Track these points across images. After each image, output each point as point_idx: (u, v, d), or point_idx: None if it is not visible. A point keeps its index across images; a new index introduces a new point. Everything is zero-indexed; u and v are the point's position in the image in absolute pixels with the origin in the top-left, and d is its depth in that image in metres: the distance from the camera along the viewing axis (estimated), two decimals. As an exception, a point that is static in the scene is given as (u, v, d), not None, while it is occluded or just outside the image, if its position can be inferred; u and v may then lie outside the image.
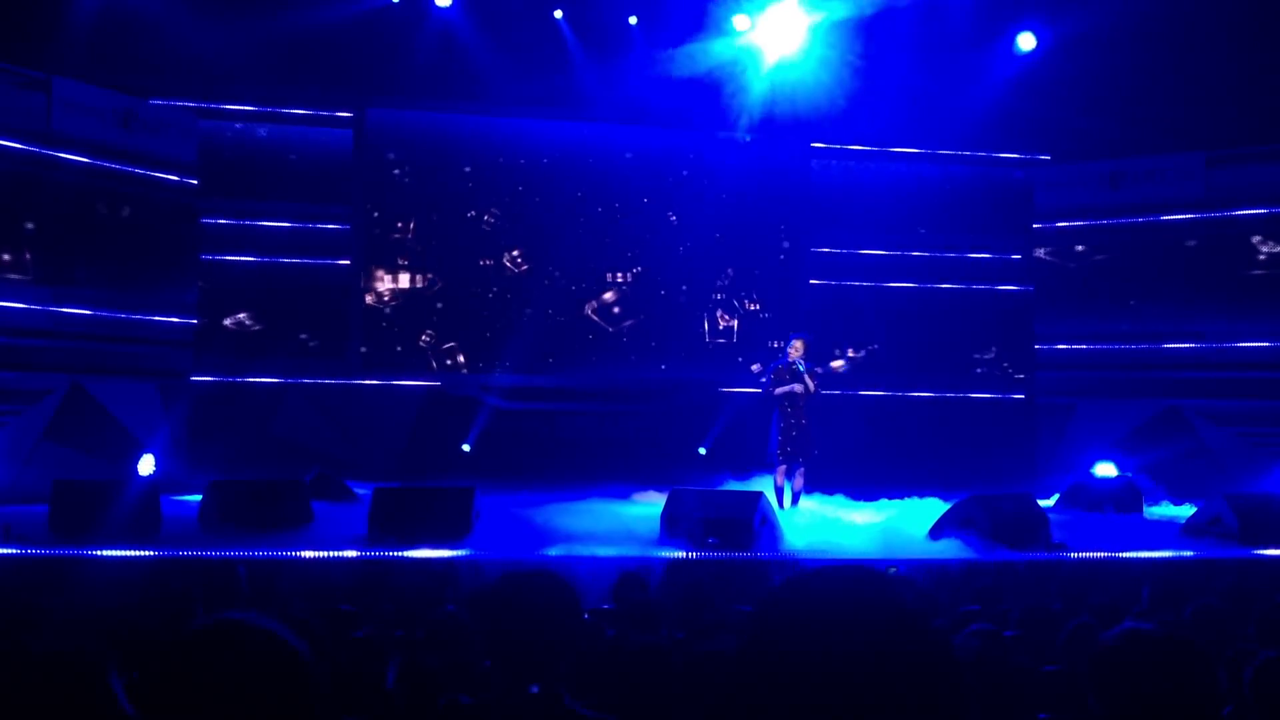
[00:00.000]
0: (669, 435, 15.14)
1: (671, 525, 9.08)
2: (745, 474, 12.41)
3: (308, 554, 8.14)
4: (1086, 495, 11.84)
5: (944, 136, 15.84)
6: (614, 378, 15.46)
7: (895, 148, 16.27)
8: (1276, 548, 9.04)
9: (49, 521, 8.71)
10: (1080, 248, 15.37)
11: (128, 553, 7.99)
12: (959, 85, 15.30)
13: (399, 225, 15.08)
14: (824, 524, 10.30)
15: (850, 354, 16.11)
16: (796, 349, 11.20)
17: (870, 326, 16.18)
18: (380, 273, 15.04)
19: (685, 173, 15.80)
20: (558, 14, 14.84)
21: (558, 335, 15.47)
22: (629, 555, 8.36)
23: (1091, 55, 14.39)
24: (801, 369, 11.09)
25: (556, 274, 15.46)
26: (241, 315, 14.44)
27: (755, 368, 11.37)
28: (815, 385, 11.15)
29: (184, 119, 13.67)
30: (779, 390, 11.06)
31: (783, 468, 11.20)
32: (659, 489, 10.37)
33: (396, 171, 15.08)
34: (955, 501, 9.68)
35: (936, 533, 9.47)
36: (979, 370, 16.27)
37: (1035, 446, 15.46)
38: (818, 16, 14.24)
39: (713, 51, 15.22)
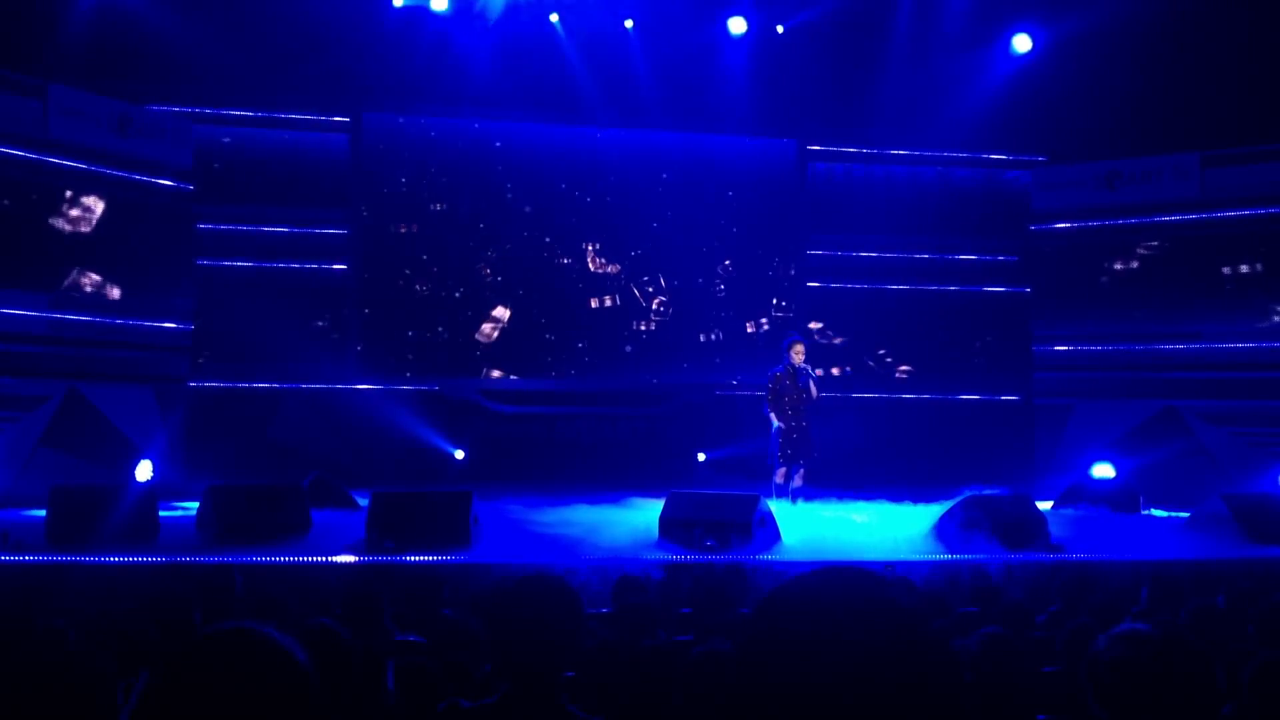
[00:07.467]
0: (667, 438, 15.16)
1: (670, 528, 9.07)
2: (743, 478, 12.42)
3: (306, 559, 8.13)
4: (1085, 496, 11.86)
5: (940, 138, 15.86)
6: (612, 381, 15.47)
7: (892, 149, 16.29)
8: (1274, 547, 9.05)
9: (46, 528, 8.69)
10: (1077, 248, 15.39)
11: (125, 559, 7.98)
12: (955, 87, 15.34)
13: (396, 230, 15.08)
14: (823, 526, 10.29)
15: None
16: (799, 352, 11.18)
17: (867, 329, 16.21)
18: (377, 277, 15.03)
19: (683, 176, 15.81)
20: (554, 17, 14.86)
21: (556, 339, 15.47)
22: (628, 558, 8.36)
23: (1087, 56, 14.43)
24: (805, 374, 11.08)
25: (553, 278, 15.47)
26: (238, 320, 14.39)
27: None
28: (816, 390, 11.16)
29: (180, 124, 13.66)
30: (773, 397, 11.09)
31: (783, 470, 11.21)
32: (657, 494, 10.35)
33: (393, 176, 15.08)
34: (953, 503, 9.68)
35: (935, 534, 9.47)
36: (976, 372, 16.28)
37: (1033, 447, 15.48)
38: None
39: (709, 52, 15.26)
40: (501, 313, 15.31)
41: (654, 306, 15.77)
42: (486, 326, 15.28)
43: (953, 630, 5.04)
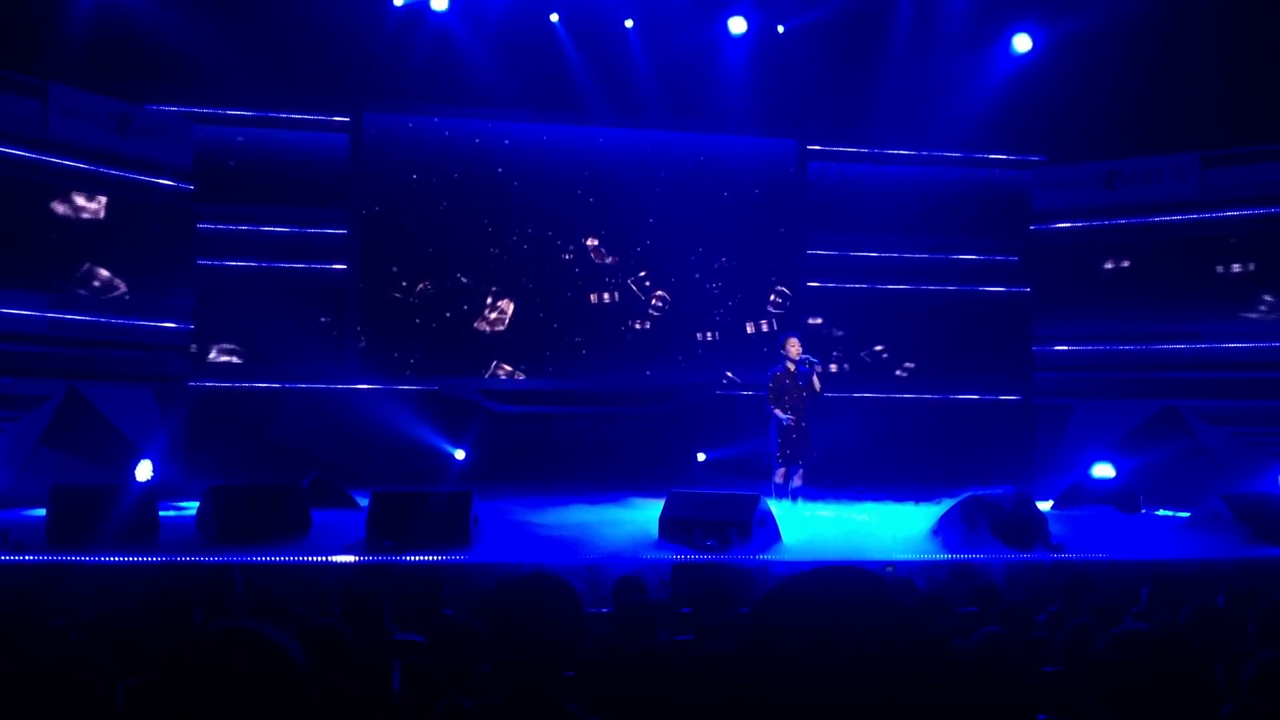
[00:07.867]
0: (667, 438, 15.16)
1: (670, 527, 9.08)
2: (743, 478, 12.41)
3: (306, 559, 8.13)
4: (1085, 496, 11.86)
5: (940, 138, 15.86)
6: (611, 381, 15.48)
7: (892, 149, 16.29)
8: (1274, 547, 9.05)
9: (46, 528, 8.69)
10: (1077, 248, 15.38)
11: (125, 559, 7.98)
12: (955, 86, 15.34)
13: (398, 227, 15.07)
14: (823, 526, 10.30)
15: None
16: (795, 348, 11.19)
17: (868, 329, 16.22)
18: (379, 274, 15.03)
19: (683, 175, 15.81)
20: (554, 17, 14.86)
21: (555, 339, 15.47)
22: (627, 558, 8.36)
23: (1087, 56, 14.42)
24: (806, 367, 11.08)
25: (553, 277, 15.47)
26: (238, 320, 14.38)
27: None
28: (820, 384, 11.17)
29: (180, 124, 13.66)
30: (775, 396, 11.10)
31: (782, 470, 11.21)
32: (657, 494, 10.36)
33: (393, 174, 15.07)
34: (954, 502, 9.69)
35: (935, 533, 9.48)
36: (977, 372, 16.28)
37: (1033, 447, 15.47)
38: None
39: (709, 52, 15.26)
40: (506, 305, 15.33)
41: (653, 303, 15.78)
42: (492, 315, 15.28)
43: (953, 630, 5.04)
